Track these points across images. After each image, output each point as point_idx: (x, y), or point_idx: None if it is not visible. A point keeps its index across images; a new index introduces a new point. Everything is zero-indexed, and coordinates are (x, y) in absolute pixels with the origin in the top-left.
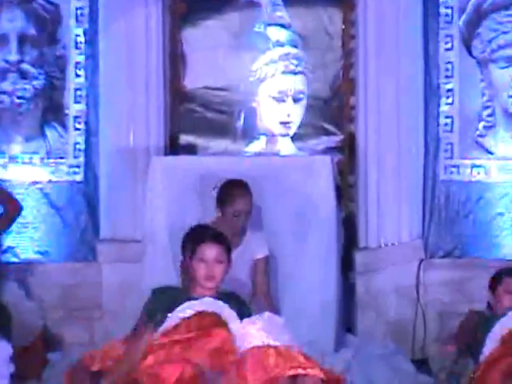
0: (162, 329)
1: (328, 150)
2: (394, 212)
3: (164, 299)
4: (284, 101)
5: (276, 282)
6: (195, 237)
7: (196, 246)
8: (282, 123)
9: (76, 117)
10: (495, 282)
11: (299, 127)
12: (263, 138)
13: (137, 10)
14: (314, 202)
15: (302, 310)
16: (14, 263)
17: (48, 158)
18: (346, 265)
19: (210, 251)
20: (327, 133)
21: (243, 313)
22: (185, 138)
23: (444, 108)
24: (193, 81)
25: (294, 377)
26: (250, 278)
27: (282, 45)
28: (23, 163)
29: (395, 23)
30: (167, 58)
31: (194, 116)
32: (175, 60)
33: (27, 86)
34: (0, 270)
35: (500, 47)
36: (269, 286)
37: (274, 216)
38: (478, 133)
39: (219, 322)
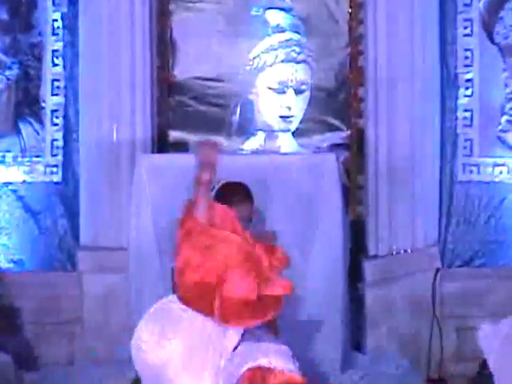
0: None
1: (333, 147)
2: (407, 216)
3: None
4: (284, 92)
5: None
6: None
7: None
8: (282, 117)
9: (53, 110)
10: None
11: (301, 122)
12: (261, 134)
13: None
14: (318, 204)
15: (305, 324)
16: None
17: (22, 157)
18: (354, 275)
19: None
20: (332, 128)
21: None
22: (174, 134)
23: (463, 100)
24: (183, 70)
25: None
26: None
27: (282, 30)
28: None
29: (409, 6)
30: (155, 44)
31: (184, 109)
32: (164, 47)
33: None
34: None
35: None
36: None
37: (272, 220)
38: (500, 128)
39: None
